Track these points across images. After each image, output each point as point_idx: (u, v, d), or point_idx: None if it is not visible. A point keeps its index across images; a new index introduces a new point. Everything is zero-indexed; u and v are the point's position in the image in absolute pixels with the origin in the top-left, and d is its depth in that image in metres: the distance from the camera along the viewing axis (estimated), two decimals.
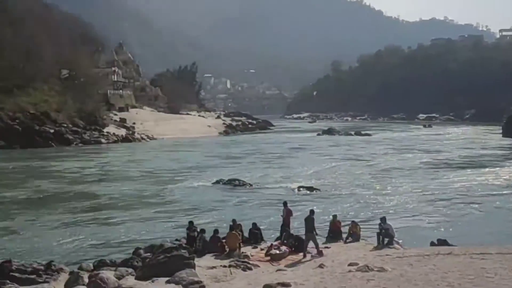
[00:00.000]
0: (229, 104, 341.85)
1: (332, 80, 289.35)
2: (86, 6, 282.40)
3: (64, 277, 18.94)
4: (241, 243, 22.09)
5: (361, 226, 24.19)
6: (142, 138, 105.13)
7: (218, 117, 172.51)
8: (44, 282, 18.22)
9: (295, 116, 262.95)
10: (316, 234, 21.55)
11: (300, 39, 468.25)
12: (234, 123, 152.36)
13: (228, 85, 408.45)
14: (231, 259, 20.47)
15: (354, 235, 23.10)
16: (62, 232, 28.73)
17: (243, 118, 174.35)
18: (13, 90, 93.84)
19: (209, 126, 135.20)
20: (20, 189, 43.76)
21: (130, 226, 30.19)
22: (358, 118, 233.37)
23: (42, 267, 19.47)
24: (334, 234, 23.53)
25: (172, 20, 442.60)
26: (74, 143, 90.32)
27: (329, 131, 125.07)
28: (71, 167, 58.92)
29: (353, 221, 24.19)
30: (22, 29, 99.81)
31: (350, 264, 18.64)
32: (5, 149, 78.86)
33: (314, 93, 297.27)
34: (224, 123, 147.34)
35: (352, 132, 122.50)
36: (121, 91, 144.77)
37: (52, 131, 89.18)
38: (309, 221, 21.37)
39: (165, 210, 34.71)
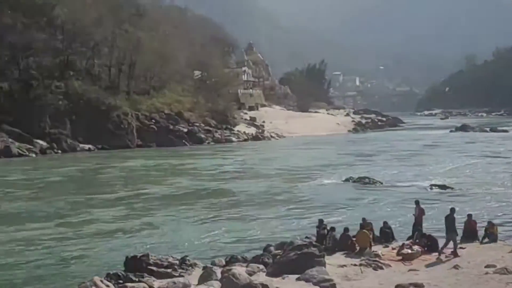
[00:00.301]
0: (358, 102, 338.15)
1: (465, 75, 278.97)
2: (217, 7, 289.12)
3: (197, 271, 19.32)
4: (371, 242, 21.79)
5: (498, 227, 23.16)
6: (272, 137, 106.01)
7: (347, 114, 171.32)
8: (179, 276, 18.65)
9: (426, 112, 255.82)
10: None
11: (431, 34, 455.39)
12: (363, 121, 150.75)
13: (357, 83, 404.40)
14: (362, 258, 20.24)
15: (491, 236, 22.10)
16: (198, 227, 29.49)
17: (372, 116, 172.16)
18: (150, 91, 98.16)
19: (338, 123, 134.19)
20: (162, 185, 45.56)
21: (261, 223, 30.52)
22: (493, 114, 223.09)
23: (177, 262, 19.95)
24: (469, 234, 22.52)
25: (301, 19, 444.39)
26: (206, 141, 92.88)
27: (463, 128, 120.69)
28: (208, 164, 60.62)
29: (490, 221, 23.21)
30: (158, 33, 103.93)
31: (487, 266, 17.95)
32: (142, 147, 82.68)
33: (447, 88, 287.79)
34: (353, 121, 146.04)
35: (488, 129, 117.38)
36: (251, 90, 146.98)
37: (185, 130, 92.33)
38: (450, 220, 20.76)
39: (295, 208, 34.81)
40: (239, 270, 17.84)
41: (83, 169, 58.23)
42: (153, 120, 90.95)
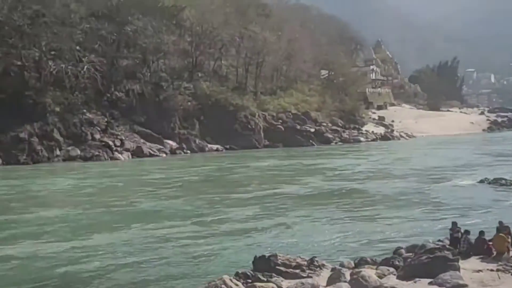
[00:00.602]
0: (493, 99, 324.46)
1: None
2: (344, 5, 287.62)
3: (326, 273, 18.85)
4: (510, 247, 20.05)
5: None
6: (401, 136, 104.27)
7: (482, 113, 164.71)
8: (307, 277, 18.27)
9: None
10: None
11: None
12: (499, 119, 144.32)
13: (492, 80, 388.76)
14: (499, 263, 18.71)
15: None
16: (328, 228, 28.89)
17: (509, 114, 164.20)
18: (276, 91, 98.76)
19: (472, 122, 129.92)
20: (294, 185, 45.29)
21: (392, 224, 29.45)
22: None
23: (305, 262, 19.61)
24: None
25: (431, 15, 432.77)
26: (334, 141, 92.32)
27: None
28: (339, 164, 59.92)
29: None
30: (284, 32, 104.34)
31: None
32: (269, 148, 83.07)
33: None
34: (488, 119, 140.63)
35: None
36: (379, 89, 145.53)
37: (312, 130, 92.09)
38: None
39: (428, 210, 33.37)
40: (369, 272, 17.28)
41: (216, 169, 59.13)
42: (280, 120, 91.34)
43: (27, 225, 29.28)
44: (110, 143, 70.47)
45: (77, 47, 75.25)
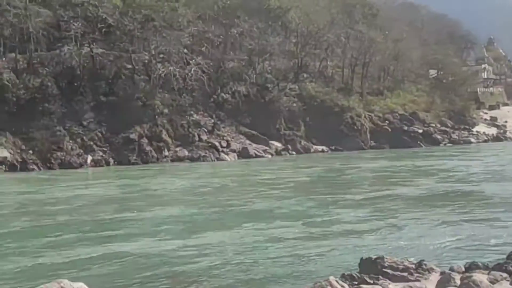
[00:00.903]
0: None
1: None
2: (455, 3, 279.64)
3: (434, 277, 17.97)
4: None
5: None
6: None
7: None
8: (415, 280, 17.54)
9: None
10: None
11: None
12: None
13: None
14: None
15: None
16: (438, 231, 27.94)
17: None
18: (383, 92, 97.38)
19: None
20: (406, 186, 44.23)
21: (507, 227, 28.01)
22: None
23: (413, 265, 18.95)
24: None
25: None
26: (442, 143, 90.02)
27: None
28: (452, 166, 58.15)
29: None
30: (391, 32, 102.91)
31: None
32: (375, 149, 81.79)
33: None
34: None
35: None
36: (491, 88, 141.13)
37: (420, 131, 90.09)
38: None
39: None
40: (480, 277, 16.20)
41: (325, 170, 58.54)
42: (387, 121, 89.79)
43: (143, 223, 30.05)
44: (217, 144, 71.36)
45: (185, 50, 76.83)
